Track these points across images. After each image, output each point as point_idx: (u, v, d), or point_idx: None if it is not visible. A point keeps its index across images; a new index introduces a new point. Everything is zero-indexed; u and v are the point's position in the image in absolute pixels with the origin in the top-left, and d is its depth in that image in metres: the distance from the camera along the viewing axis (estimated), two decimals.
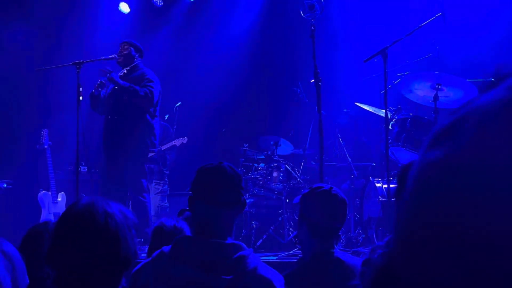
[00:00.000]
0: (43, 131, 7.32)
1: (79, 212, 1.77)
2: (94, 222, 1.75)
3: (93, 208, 1.77)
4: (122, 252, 1.77)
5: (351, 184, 7.13)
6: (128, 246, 1.79)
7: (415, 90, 5.86)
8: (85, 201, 1.81)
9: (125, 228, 1.79)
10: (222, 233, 2.25)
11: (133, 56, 6.55)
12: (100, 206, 1.78)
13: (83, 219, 1.75)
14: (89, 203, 1.79)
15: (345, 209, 2.74)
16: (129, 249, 1.80)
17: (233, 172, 2.32)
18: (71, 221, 1.77)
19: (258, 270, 2.17)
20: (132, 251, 1.81)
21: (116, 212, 1.80)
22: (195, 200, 2.30)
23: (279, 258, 5.48)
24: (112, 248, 1.75)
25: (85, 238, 1.74)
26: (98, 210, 1.77)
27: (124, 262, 1.79)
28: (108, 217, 1.77)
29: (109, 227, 1.75)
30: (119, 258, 1.77)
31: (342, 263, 2.62)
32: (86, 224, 1.75)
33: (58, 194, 7.23)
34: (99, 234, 1.74)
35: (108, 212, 1.78)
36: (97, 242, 1.74)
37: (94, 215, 1.76)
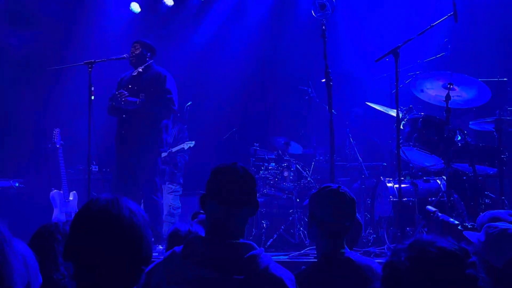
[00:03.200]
0: (55, 130, 7.35)
1: (105, 207, 1.76)
2: (120, 218, 1.74)
3: (118, 205, 1.77)
4: (144, 249, 1.78)
5: (362, 183, 7.12)
6: (149, 244, 1.80)
7: (427, 89, 5.84)
8: (108, 197, 1.80)
9: (142, 227, 1.79)
10: (234, 233, 2.26)
11: (145, 56, 6.55)
12: (124, 203, 1.79)
13: (109, 213, 1.74)
14: (113, 199, 1.79)
15: (354, 208, 2.73)
16: (149, 247, 1.81)
17: (246, 173, 2.33)
18: (97, 215, 1.75)
19: (270, 269, 2.18)
20: (150, 250, 1.82)
21: (137, 211, 1.81)
22: (208, 200, 2.31)
23: (290, 257, 5.48)
24: (136, 245, 1.76)
25: (110, 233, 1.72)
26: (123, 206, 1.77)
27: (145, 260, 1.80)
28: (132, 214, 1.77)
29: (134, 224, 1.76)
30: (141, 255, 1.77)
31: (353, 263, 2.62)
32: (112, 219, 1.74)
33: (69, 193, 7.26)
34: (125, 230, 1.74)
35: (131, 209, 1.79)
36: (122, 238, 1.73)
37: (120, 211, 1.76)
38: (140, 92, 6.37)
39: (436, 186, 5.86)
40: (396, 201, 5.58)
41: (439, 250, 1.54)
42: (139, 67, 6.53)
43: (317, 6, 5.39)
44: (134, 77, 6.54)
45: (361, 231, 3.28)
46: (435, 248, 1.54)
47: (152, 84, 6.46)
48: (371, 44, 8.63)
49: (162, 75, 6.51)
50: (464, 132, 5.58)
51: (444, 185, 5.67)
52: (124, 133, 6.40)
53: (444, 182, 5.70)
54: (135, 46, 6.56)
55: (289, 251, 6.09)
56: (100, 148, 6.16)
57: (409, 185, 5.79)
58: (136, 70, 6.54)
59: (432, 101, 5.95)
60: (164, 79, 6.47)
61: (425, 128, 5.75)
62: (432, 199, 5.63)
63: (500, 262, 2.29)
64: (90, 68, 5.93)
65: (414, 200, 5.67)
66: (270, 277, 2.16)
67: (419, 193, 5.72)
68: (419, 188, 5.74)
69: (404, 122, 5.98)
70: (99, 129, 5.98)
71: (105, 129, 6.83)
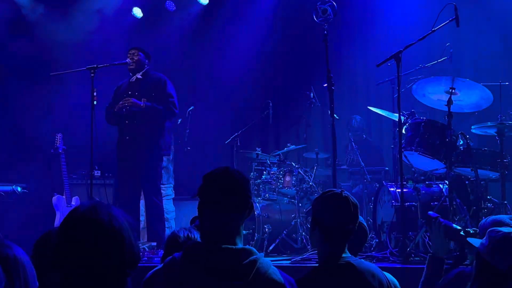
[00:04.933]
0: (58, 136, 7.37)
1: (83, 214, 1.80)
2: (98, 222, 1.77)
3: (97, 210, 1.80)
4: (127, 252, 1.79)
5: (364, 188, 7.12)
6: (132, 246, 1.81)
7: (429, 94, 5.84)
8: (88, 204, 1.84)
9: (128, 229, 1.81)
10: (232, 238, 2.24)
11: (143, 62, 6.62)
12: (104, 208, 1.82)
13: (87, 220, 1.78)
14: (92, 205, 1.82)
15: (357, 212, 2.73)
16: (133, 250, 1.82)
17: (240, 176, 2.32)
18: (75, 223, 1.79)
19: (270, 274, 2.17)
20: (136, 252, 1.83)
21: (118, 214, 1.83)
22: (202, 206, 2.31)
23: (292, 262, 5.47)
24: (117, 248, 1.77)
25: (90, 239, 1.75)
26: (101, 211, 1.80)
27: (129, 262, 1.81)
28: (112, 218, 1.79)
29: (113, 227, 1.78)
30: (124, 257, 1.79)
31: (354, 267, 2.61)
32: (90, 224, 1.77)
33: (72, 198, 7.27)
34: (103, 234, 1.76)
35: (111, 213, 1.81)
36: (102, 242, 1.76)
37: (98, 215, 1.78)
38: (141, 98, 6.41)
39: (439, 191, 5.85)
40: (398, 205, 5.58)
41: None
42: (138, 73, 6.57)
43: (318, 11, 5.40)
44: (133, 84, 6.57)
45: (366, 237, 3.26)
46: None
47: (153, 89, 6.51)
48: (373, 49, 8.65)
49: (162, 80, 6.57)
50: (466, 137, 5.58)
51: (446, 190, 5.66)
52: (128, 139, 6.42)
53: (446, 186, 5.69)
54: (133, 53, 6.59)
55: (291, 255, 6.08)
56: (102, 153, 6.18)
57: (411, 190, 5.78)
58: (135, 76, 6.57)
59: (434, 105, 5.95)
60: (164, 84, 6.53)
61: (427, 133, 5.74)
62: (434, 203, 5.62)
63: (504, 266, 2.30)
64: (93, 73, 5.95)
65: (417, 204, 5.66)
66: (270, 282, 2.15)
67: (422, 198, 5.71)
68: (421, 193, 5.73)
69: (406, 126, 5.97)
70: (101, 134, 5.99)
71: (108, 134, 6.84)
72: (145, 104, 6.37)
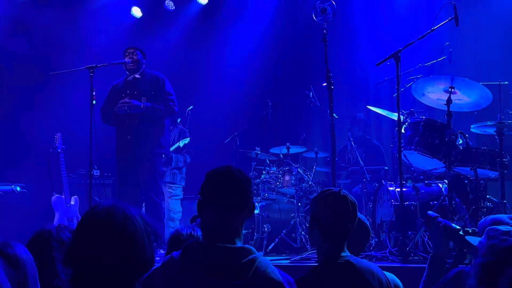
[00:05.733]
0: (57, 135, 7.36)
1: (98, 214, 1.80)
2: (112, 224, 1.77)
3: (113, 210, 1.79)
4: (139, 256, 1.78)
5: (364, 187, 7.12)
6: (145, 250, 1.80)
7: (428, 93, 5.84)
8: (106, 203, 1.83)
9: (143, 233, 1.80)
10: (231, 237, 2.24)
11: (142, 61, 6.61)
12: (120, 209, 1.81)
13: (101, 220, 1.78)
14: (109, 205, 1.82)
15: (355, 211, 2.73)
16: (145, 254, 1.80)
17: (241, 175, 2.31)
18: (90, 222, 1.80)
19: (269, 273, 2.17)
20: (149, 257, 1.82)
21: (135, 216, 1.82)
22: (203, 205, 2.30)
23: (291, 262, 5.47)
24: (128, 251, 1.77)
25: (102, 239, 1.75)
26: (117, 212, 1.79)
27: (140, 266, 1.80)
28: (127, 220, 1.78)
29: (126, 230, 1.77)
30: (135, 261, 1.78)
31: (354, 266, 2.61)
32: (104, 225, 1.77)
33: (71, 198, 7.27)
34: (116, 235, 1.76)
35: (127, 215, 1.80)
36: (113, 243, 1.75)
37: (113, 217, 1.78)
38: (140, 96, 6.40)
39: (438, 190, 5.85)
40: (397, 205, 5.58)
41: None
42: (136, 73, 6.56)
43: (318, 10, 5.40)
44: (130, 82, 6.57)
45: (369, 236, 3.26)
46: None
47: (151, 87, 6.50)
48: (372, 48, 8.64)
49: (160, 78, 6.56)
50: (466, 136, 5.58)
51: (445, 189, 5.66)
52: (130, 138, 6.41)
53: (445, 186, 5.69)
54: (132, 52, 6.58)
55: (290, 255, 6.09)
56: (101, 153, 6.17)
57: (410, 189, 5.78)
58: (132, 76, 6.56)
59: (434, 104, 5.95)
60: (163, 82, 6.53)
61: (427, 132, 5.74)
62: (433, 203, 5.62)
63: None
64: (92, 73, 5.95)
65: (416, 204, 5.66)
66: (269, 281, 2.15)
67: (421, 197, 5.71)
68: (420, 192, 5.73)
69: (406, 126, 5.97)
70: (100, 133, 5.99)
71: (107, 133, 6.83)
72: (145, 105, 6.36)
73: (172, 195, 7.99)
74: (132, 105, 6.34)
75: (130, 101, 6.36)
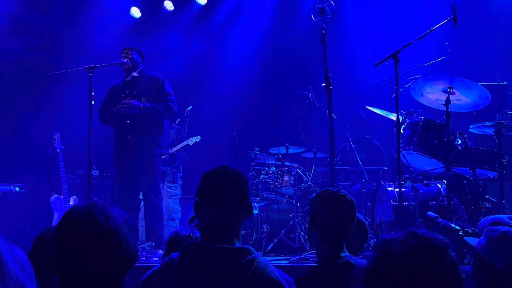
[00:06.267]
0: (56, 135, 7.36)
1: (78, 215, 1.79)
2: (94, 223, 1.76)
3: (92, 210, 1.79)
4: (123, 252, 1.79)
5: (362, 187, 7.12)
6: (129, 245, 1.80)
7: (427, 93, 5.84)
8: (83, 204, 1.83)
9: (124, 228, 1.81)
10: (229, 238, 2.24)
11: (138, 61, 6.61)
12: (99, 208, 1.81)
13: (82, 221, 1.77)
14: (87, 206, 1.81)
15: (354, 211, 2.73)
16: (130, 249, 1.81)
17: (238, 176, 2.31)
18: (71, 224, 1.79)
19: (268, 273, 2.16)
20: (133, 251, 1.83)
21: (115, 214, 1.82)
22: (200, 205, 2.30)
23: (290, 262, 5.47)
24: (113, 248, 1.77)
25: (85, 240, 1.75)
26: (96, 211, 1.79)
27: (126, 262, 1.80)
28: (107, 218, 1.79)
29: (108, 227, 1.77)
30: (120, 257, 1.78)
31: (353, 266, 2.61)
32: (85, 225, 1.76)
33: (70, 198, 7.26)
34: (99, 234, 1.76)
35: (107, 213, 1.80)
36: (97, 242, 1.75)
37: (93, 216, 1.78)
38: (140, 97, 6.41)
39: (437, 190, 5.86)
40: (396, 205, 5.58)
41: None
42: (134, 72, 6.56)
43: (316, 11, 5.40)
44: (129, 83, 6.56)
45: (367, 236, 3.27)
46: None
47: (151, 87, 6.51)
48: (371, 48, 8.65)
49: (159, 78, 6.57)
50: (464, 136, 5.58)
51: (444, 189, 5.66)
52: (130, 138, 6.41)
53: (444, 186, 5.70)
54: (128, 52, 6.58)
55: (289, 255, 6.08)
56: (100, 153, 6.16)
57: (409, 189, 5.79)
58: (131, 76, 6.56)
59: (432, 105, 5.96)
60: (162, 82, 6.54)
61: (425, 132, 5.75)
62: (432, 203, 5.63)
63: (502, 265, 2.30)
64: (91, 73, 5.94)
65: (415, 204, 5.67)
66: (269, 281, 2.15)
67: (420, 197, 5.71)
68: (419, 192, 5.73)
69: (404, 126, 5.98)
70: (99, 134, 5.98)
71: (106, 134, 6.83)
72: (144, 105, 6.36)
73: (172, 195, 7.99)
74: (132, 105, 6.34)
75: (130, 102, 6.36)
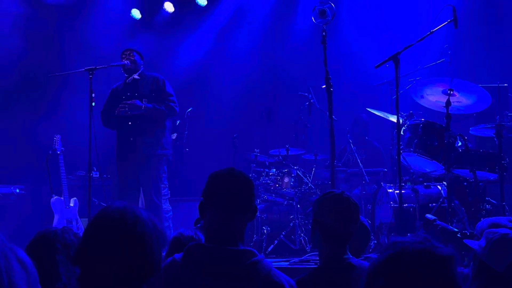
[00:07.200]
0: (56, 137, 7.35)
1: (111, 214, 1.81)
2: (124, 225, 1.78)
3: (124, 212, 1.80)
4: (147, 258, 1.79)
5: (363, 189, 7.11)
6: (153, 253, 1.80)
7: (427, 95, 5.84)
8: (118, 204, 1.84)
9: (152, 236, 1.81)
10: (234, 239, 2.24)
11: (139, 62, 6.61)
12: (131, 211, 1.81)
13: (114, 221, 1.79)
14: (121, 207, 1.83)
15: (357, 213, 2.74)
16: (154, 257, 1.81)
17: (244, 178, 2.32)
18: (103, 222, 1.81)
19: (271, 276, 2.17)
20: (157, 260, 1.82)
21: (146, 219, 1.82)
22: (206, 207, 2.29)
23: (290, 264, 5.47)
24: (137, 253, 1.77)
25: (113, 239, 1.76)
26: (128, 214, 1.80)
27: (147, 269, 1.80)
28: (138, 222, 1.79)
29: (136, 232, 1.78)
30: (143, 264, 1.78)
31: (355, 268, 2.61)
32: (116, 225, 1.78)
33: (70, 200, 7.26)
34: (126, 237, 1.77)
35: (138, 217, 1.81)
36: (124, 244, 1.76)
37: (125, 218, 1.79)
38: (141, 98, 6.40)
39: (437, 192, 5.86)
40: (396, 207, 5.58)
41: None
42: (135, 74, 6.56)
43: (317, 13, 5.40)
44: (130, 84, 6.56)
45: (369, 238, 3.27)
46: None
47: (152, 89, 6.50)
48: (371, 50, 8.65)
49: (160, 79, 6.57)
50: (465, 138, 5.58)
51: (444, 191, 5.66)
52: (133, 140, 6.40)
53: (444, 188, 5.70)
54: (129, 54, 6.57)
55: (290, 257, 6.08)
56: (100, 154, 6.16)
57: (409, 191, 5.78)
58: (131, 77, 6.56)
59: (433, 107, 5.96)
60: (163, 83, 6.54)
61: (426, 134, 5.75)
62: (432, 205, 5.62)
63: (501, 267, 2.30)
64: (91, 75, 5.94)
65: (415, 206, 5.67)
66: (272, 284, 2.15)
67: (420, 199, 5.71)
68: (419, 194, 5.73)
69: (405, 128, 5.98)
70: (99, 135, 5.98)
71: (106, 135, 6.83)
72: (146, 106, 6.35)
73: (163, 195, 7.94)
74: (133, 105, 6.33)
75: (131, 102, 6.35)
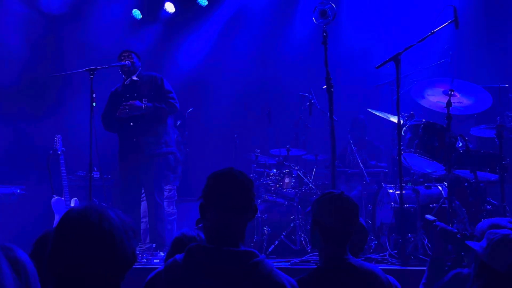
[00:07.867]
0: (57, 137, 7.35)
1: (73, 217, 1.81)
2: (88, 225, 1.78)
3: (87, 212, 1.81)
4: (119, 253, 1.79)
5: (363, 190, 7.12)
6: (124, 247, 1.81)
7: (428, 96, 5.84)
8: (80, 206, 1.85)
9: (120, 230, 1.81)
10: (234, 240, 2.23)
11: (138, 64, 6.62)
12: (94, 210, 1.82)
13: (77, 222, 1.79)
14: (83, 207, 1.83)
15: (357, 213, 2.73)
16: (126, 251, 1.81)
17: (243, 177, 2.31)
18: (66, 226, 1.81)
19: (272, 276, 2.16)
20: (129, 253, 1.83)
21: (111, 215, 1.83)
22: (206, 207, 2.29)
23: (291, 264, 5.47)
24: (108, 250, 1.78)
25: (80, 241, 1.76)
26: (92, 213, 1.80)
27: (121, 263, 1.81)
28: (102, 219, 1.80)
29: (103, 229, 1.78)
30: (115, 259, 1.79)
31: (355, 269, 2.61)
32: (80, 227, 1.78)
33: (71, 200, 7.26)
34: (93, 236, 1.77)
35: (102, 214, 1.81)
36: (92, 244, 1.76)
37: (88, 218, 1.79)
38: (141, 99, 6.40)
39: (438, 193, 5.85)
40: (397, 207, 5.58)
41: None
42: (133, 76, 6.56)
43: (318, 13, 5.41)
44: (129, 86, 6.56)
45: (367, 238, 3.28)
46: None
47: (151, 88, 6.50)
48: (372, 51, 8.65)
49: (157, 78, 6.57)
50: (466, 139, 5.58)
51: (445, 192, 5.66)
52: (136, 141, 6.40)
53: (445, 188, 5.69)
54: (128, 55, 6.57)
55: (290, 257, 6.07)
56: (101, 155, 6.17)
57: (410, 192, 5.78)
58: (129, 79, 6.56)
59: (433, 107, 5.96)
60: (161, 81, 6.54)
61: (426, 135, 5.75)
62: (433, 205, 5.62)
63: (503, 267, 2.30)
64: (92, 75, 5.94)
65: (416, 206, 5.66)
66: (273, 284, 2.15)
67: (421, 200, 5.71)
68: (420, 195, 5.73)
69: (405, 128, 5.98)
70: (100, 135, 5.99)
71: (107, 135, 6.83)
72: (146, 105, 6.35)
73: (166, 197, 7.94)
74: (133, 106, 6.33)
75: (131, 103, 6.34)
